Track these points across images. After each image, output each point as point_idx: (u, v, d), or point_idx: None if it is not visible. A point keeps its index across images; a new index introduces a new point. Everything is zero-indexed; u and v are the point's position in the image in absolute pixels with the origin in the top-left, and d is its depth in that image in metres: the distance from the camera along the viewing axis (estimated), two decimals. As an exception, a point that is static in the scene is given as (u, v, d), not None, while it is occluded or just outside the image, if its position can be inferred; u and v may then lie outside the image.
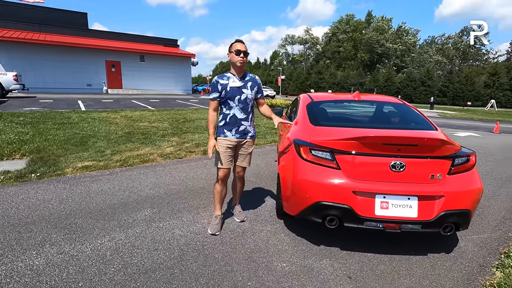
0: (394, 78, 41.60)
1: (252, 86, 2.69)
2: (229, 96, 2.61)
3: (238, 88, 2.62)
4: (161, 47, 28.19)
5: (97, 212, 2.98)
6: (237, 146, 2.73)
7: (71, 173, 4.15)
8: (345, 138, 2.25)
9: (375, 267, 2.24)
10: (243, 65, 2.60)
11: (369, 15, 56.57)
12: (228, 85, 2.60)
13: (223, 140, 2.68)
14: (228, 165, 2.70)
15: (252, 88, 2.68)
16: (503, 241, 2.67)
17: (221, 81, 2.62)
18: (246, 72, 2.73)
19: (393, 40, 50.48)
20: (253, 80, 2.72)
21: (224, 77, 2.65)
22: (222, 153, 2.67)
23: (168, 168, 4.55)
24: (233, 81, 2.62)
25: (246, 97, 2.65)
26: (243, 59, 2.56)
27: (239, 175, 2.90)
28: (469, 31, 48.22)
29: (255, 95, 2.72)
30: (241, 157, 2.80)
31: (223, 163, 2.68)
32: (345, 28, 55.07)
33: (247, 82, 2.67)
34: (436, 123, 2.95)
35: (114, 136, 6.57)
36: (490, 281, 2.08)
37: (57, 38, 21.80)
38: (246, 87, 2.66)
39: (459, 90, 35.26)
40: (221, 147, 2.67)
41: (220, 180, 2.74)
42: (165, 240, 2.50)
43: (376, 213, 2.17)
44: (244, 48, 2.57)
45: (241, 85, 2.63)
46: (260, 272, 2.13)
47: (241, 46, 2.57)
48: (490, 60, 46.50)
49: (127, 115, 10.11)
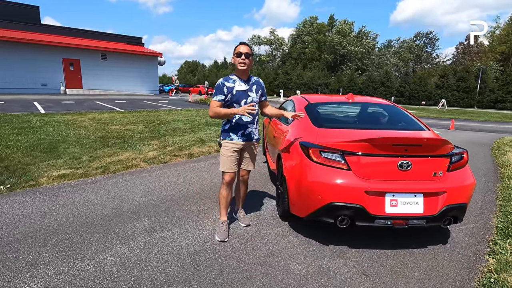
0: (357, 79, 43.84)
1: (257, 89, 2.67)
2: (235, 100, 2.56)
3: (244, 92, 2.58)
4: (125, 45, 26.80)
5: (90, 225, 2.75)
6: (242, 149, 2.70)
7: (47, 183, 3.78)
8: (356, 140, 2.32)
9: (385, 263, 2.34)
10: (245, 68, 2.53)
11: (332, 19, 58.91)
12: (234, 88, 2.55)
13: (229, 143, 2.63)
14: (234, 168, 2.66)
15: (257, 91, 2.67)
16: (487, 230, 2.94)
17: (227, 83, 2.56)
18: (251, 75, 2.69)
19: (355, 43, 53.14)
20: (257, 83, 2.70)
21: (229, 80, 2.59)
22: (228, 156, 2.62)
23: (155, 174, 4.34)
24: (239, 85, 2.57)
25: (252, 100, 2.62)
26: (243, 61, 2.49)
27: (244, 179, 2.85)
28: (422, 36, 52.47)
29: (259, 97, 2.70)
30: (247, 160, 2.77)
31: (229, 167, 2.63)
32: (309, 30, 56.77)
33: (252, 85, 2.64)
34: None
35: (87, 140, 6.11)
36: (487, 267, 2.28)
37: (6, 33, 19.71)
38: (251, 90, 2.63)
39: (414, 90, 38.17)
40: (227, 150, 2.62)
41: (226, 184, 2.67)
42: (173, 251, 2.38)
43: (386, 211, 2.27)
44: (246, 50, 2.50)
45: (247, 89, 2.60)
46: (279, 277, 2.12)
47: (243, 48, 2.51)
48: (439, 63, 50.94)
49: (95, 118, 9.46)
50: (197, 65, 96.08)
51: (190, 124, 9.08)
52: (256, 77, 2.73)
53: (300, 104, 3.47)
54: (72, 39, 23.62)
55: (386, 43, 59.80)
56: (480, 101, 35.71)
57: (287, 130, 3.29)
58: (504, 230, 2.87)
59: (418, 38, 53.05)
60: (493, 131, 12.10)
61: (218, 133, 7.62)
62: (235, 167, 2.67)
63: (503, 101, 34.21)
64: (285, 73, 48.82)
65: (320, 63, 53.45)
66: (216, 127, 8.74)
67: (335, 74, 49.81)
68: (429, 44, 52.35)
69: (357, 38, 54.07)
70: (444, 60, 51.75)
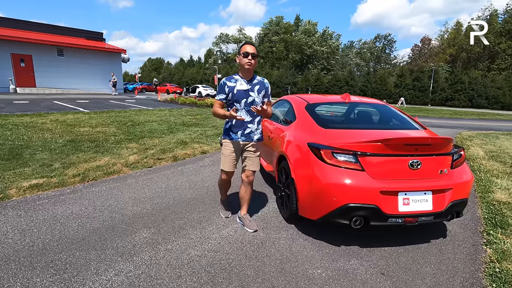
0: (323, 79, 45.33)
1: (260, 89, 2.64)
2: (236, 99, 2.59)
3: (245, 91, 2.59)
4: (83, 40, 24.98)
5: (81, 241, 2.46)
6: (243, 149, 2.71)
7: (18, 195, 3.34)
8: (370, 141, 2.33)
9: (397, 260, 2.39)
10: (251, 68, 2.54)
11: (298, 19, 60.22)
12: (235, 87, 2.57)
13: (228, 143, 2.68)
14: (232, 168, 2.74)
15: (259, 92, 2.64)
16: (476, 221, 3.15)
17: (229, 83, 2.59)
18: (255, 75, 2.67)
19: (320, 43, 54.87)
20: (261, 83, 2.67)
21: (232, 80, 2.61)
22: (227, 156, 2.69)
23: (142, 180, 4.04)
24: (241, 84, 2.59)
25: (253, 100, 2.60)
26: (250, 61, 2.49)
27: (249, 180, 2.78)
28: (381, 38, 55.69)
29: (262, 98, 2.67)
30: (250, 160, 2.74)
31: (227, 166, 2.72)
32: (276, 30, 57.48)
33: (255, 85, 2.63)
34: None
35: (55, 145, 5.54)
36: (488, 257, 2.43)
37: None
38: (253, 90, 2.61)
39: (376, 89, 40.40)
40: (227, 149, 2.68)
41: (223, 180, 2.85)
42: (184, 264, 2.21)
43: (399, 209, 2.31)
44: (253, 50, 2.50)
45: (248, 88, 2.60)
46: (301, 283, 2.06)
47: (250, 48, 2.51)
48: (397, 64, 54.51)
49: (58, 119, 8.65)
50: (161, 62, 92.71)
51: (166, 124, 8.67)
52: (262, 78, 2.71)
53: (298, 104, 3.43)
54: (22, 32, 21.48)
55: (348, 44, 62.61)
56: (433, 99, 38.84)
57: (288, 131, 3.23)
58: (491, 220, 3.09)
59: (378, 40, 56.29)
60: (449, 127, 13.17)
61: (198, 134, 7.38)
62: (234, 166, 2.75)
63: (452, 99, 37.53)
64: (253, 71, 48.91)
65: (288, 62, 54.41)
66: (194, 127, 8.46)
67: (302, 73, 51.00)
68: (387, 46, 55.77)
69: (322, 38, 55.89)
70: (401, 61, 55.46)
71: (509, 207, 3.43)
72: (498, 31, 44.89)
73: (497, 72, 43.32)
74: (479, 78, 38.55)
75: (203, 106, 15.92)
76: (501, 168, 5.20)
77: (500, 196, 3.78)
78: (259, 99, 2.63)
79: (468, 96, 37.11)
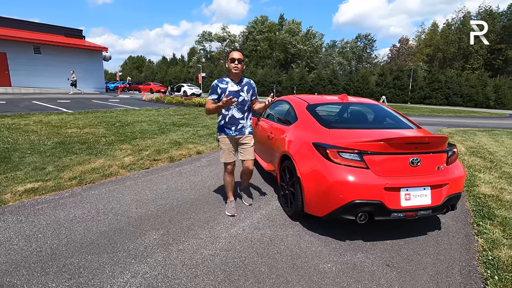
0: (307, 77, 45.90)
1: (248, 89, 3.02)
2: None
3: (236, 92, 2.93)
4: (62, 38, 24.04)
5: (91, 245, 2.44)
6: (237, 142, 3.07)
7: (14, 200, 3.24)
8: (373, 140, 2.46)
9: (400, 252, 2.54)
10: (238, 72, 2.90)
11: (282, 18, 60.64)
12: (227, 89, 2.91)
13: (224, 138, 3.02)
14: (232, 158, 3.07)
15: (248, 91, 3.02)
16: (465, 213, 3.37)
17: (221, 85, 2.93)
18: (243, 77, 3.03)
19: (303, 42, 55.53)
20: (248, 84, 3.04)
21: (223, 82, 2.96)
22: (225, 149, 3.03)
23: (141, 181, 4.02)
24: (232, 86, 2.94)
25: (243, 99, 2.98)
26: (237, 66, 2.87)
27: (249, 169, 3.17)
28: (362, 38, 57.05)
29: (250, 97, 3.06)
30: (245, 151, 3.08)
31: (228, 158, 3.04)
32: (261, 29, 57.61)
33: (244, 86, 2.99)
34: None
35: (44, 147, 5.37)
36: (480, 246, 2.63)
37: None
38: (243, 90, 2.98)
39: (358, 88, 41.40)
40: (224, 144, 3.02)
41: (228, 172, 3.12)
42: (198, 264, 2.25)
43: (401, 204, 2.45)
44: (239, 56, 2.89)
45: (238, 89, 2.95)
46: (314, 278, 2.16)
47: (236, 54, 2.89)
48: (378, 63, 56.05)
49: (42, 121, 8.34)
50: (143, 61, 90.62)
51: (156, 125, 8.56)
52: (248, 79, 3.07)
53: (299, 105, 3.53)
54: (-6, 28, 20.38)
55: (331, 43, 63.70)
56: (412, 98, 40.30)
57: (290, 131, 3.32)
58: (479, 212, 3.32)
59: (359, 40, 57.63)
60: (430, 124, 13.76)
61: (190, 134, 7.36)
62: (233, 157, 3.07)
63: (430, 97, 39.10)
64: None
65: (272, 61, 54.70)
66: (185, 127, 8.41)
67: (286, 72, 51.43)
68: (368, 45, 57.23)
69: (306, 38, 56.57)
70: (381, 60, 57.09)
71: (493, 199, 3.69)
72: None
73: (470, 71, 45.50)
74: (454, 77, 40.34)
75: (191, 105, 15.78)
76: (482, 163, 5.54)
77: (485, 189, 4.05)
78: (248, 97, 3.03)
79: (444, 94, 38.75)
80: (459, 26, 49.26)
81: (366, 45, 57.24)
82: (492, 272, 2.24)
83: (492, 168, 5.25)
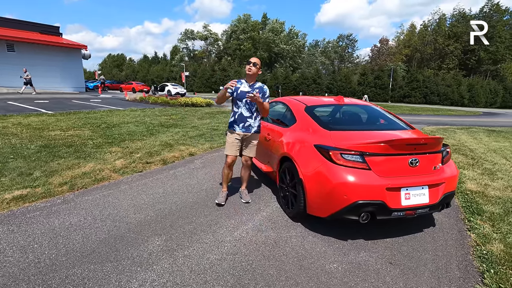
0: (291, 77, 46.31)
1: (258, 93, 3.13)
2: (239, 97, 3.22)
3: (246, 93, 3.17)
4: (38, 35, 22.99)
5: (92, 254, 2.37)
6: (244, 139, 3.29)
7: (2, 208, 3.08)
8: (375, 142, 2.52)
9: (400, 250, 2.62)
10: (251, 74, 3.18)
11: (265, 17, 60.78)
12: (239, 88, 3.22)
13: (232, 132, 3.28)
14: (235, 153, 3.30)
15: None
16: (456, 210, 3.53)
17: (237, 84, 3.23)
18: (257, 81, 3.29)
19: (286, 42, 55.91)
20: (260, 88, 3.23)
21: (239, 82, 3.27)
22: (230, 143, 3.28)
23: (136, 185, 3.92)
24: (244, 86, 3.23)
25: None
26: (250, 68, 3.17)
27: (247, 164, 3.45)
28: (344, 38, 58.17)
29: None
30: (248, 148, 3.35)
31: (231, 151, 3.29)
32: (244, 27, 57.47)
33: (255, 89, 3.19)
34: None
35: (28, 151, 5.12)
36: (473, 241, 2.76)
37: None
38: (253, 92, 3.09)
39: (341, 87, 42.27)
40: (230, 138, 3.28)
41: (227, 165, 3.35)
42: (206, 269, 2.23)
43: (402, 203, 2.54)
44: (254, 60, 3.21)
45: (248, 91, 3.18)
46: (323, 278, 2.20)
47: (253, 59, 3.22)
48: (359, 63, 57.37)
49: (21, 123, 7.94)
50: (123, 59, 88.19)
51: (144, 126, 8.37)
52: (262, 84, 3.29)
53: (296, 106, 3.56)
54: (-37, 24, 19.16)
55: (313, 43, 64.54)
56: (393, 96, 41.61)
57: (289, 133, 3.35)
58: (469, 208, 3.49)
59: (341, 40, 58.74)
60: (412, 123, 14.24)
61: (180, 135, 7.29)
62: (236, 152, 3.30)
63: (409, 96, 40.53)
64: (222, 69, 48.58)
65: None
66: (174, 128, 8.28)
67: (270, 71, 51.65)
68: (350, 45, 58.45)
69: (289, 37, 56.98)
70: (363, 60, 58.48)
71: (480, 195, 3.88)
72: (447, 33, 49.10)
73: (446, 71, 47.49)
74: (431, 77, 41.96)
75: (177, 105, 15.53)
76: (465, 161, 5.81)
77: (471, 186, 4.25)
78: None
79: (422, 93, 40.24)
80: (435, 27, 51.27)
81: (348, 45, 58.43)
82: (487, 266, 2.36)
83: (474, 165, 5.52)
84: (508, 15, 47.09)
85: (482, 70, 48.33)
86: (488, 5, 47.97)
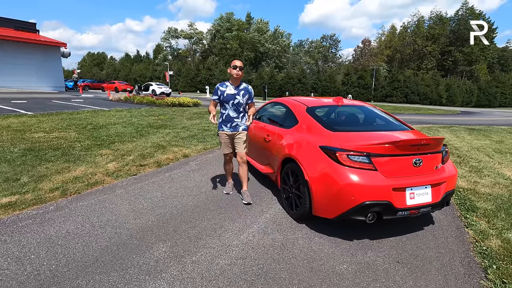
0: (277, 76, 46.52)
1: (244, 94, 3.40)
2: (225, 100, 3.38)
3: (232, 95, 3.36)
4: (12, 31, 21.88)
5: (95, 263, 2.26)
6: (233, 137, 3.47)
7: (-10, 217, 2.89)
8: (381, 143, 2.55)
9: (405, 248, 2.67)
10: (238, 77, 3.33)
11: (249, 17, 60.66)
12: (225, 91, 3.37)
13: (222, 133, 3.49)
14: (230, 150, 3.55)
15: (244, 96, 3.40)
16: (451, 207, 3.64)
17: (221, 88, 3.41)
18: (242, 82, 3.44)
19: (271, 41, 56.11)
20: (245, 89, 3.43)
21: (224, 85, 3.42)
22: (224, 142, 3.52)
23: (132, 189, 3.79)
24: (229, 89, 3.38)
25: (238, 102, 3.38)
26: (238, 72, 3.31)
27: (243, 160, 3.49)
28: (327, 38, 59.03)
29: (246, 100, 3.43)
30: (238, 145, 3.48)
31: (226, 149, 3.54)
32: (228, 26, 57.13)
33: (241, 90, 3.39)
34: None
35: (11, 155, 4.84)
36: (472, 237, 2.86)
37: None
38: (239, 94, 3.38)
39: (326, 87, 42.91)
40: (222, 138, 3.50)
41: (226, 161, 3.67)
42: (217, 275, 2.18)
43: (407, 203, 2.59)
44: (240, 64, 3.34)
45: (235, 93, 3.37)
46: (335, 280, 2.20)
47: (238, 62, 3.34)
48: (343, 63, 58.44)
49: (0, 124, 7.51)
50: (104, 57, 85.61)
51: (132, 127, 8.14)
52: (246, 85, 3.47)
53: (297, 107, 3.56)
54: None
55: (298, 43, 65.13)
56: (375, 96, 42.68)
57: (291, 134, 3.34)
58: (463, 205, 3.62)
59: (324, 40, 59.61)
60: (396, 121, 14.67)
61: (172, 136, 7.15)
62: (230, 149, 3.55)
63: (391, 95, 41.72)
64: (207, 69, 48.12)
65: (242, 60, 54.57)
66: (163, 129, 8.10)
67: (256, 70, 51.66)
68: (333, 45, 59.43)
69: (274, 37, 57.19)
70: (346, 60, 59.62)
71: (472, 192, 4.03)
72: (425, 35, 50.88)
73: (425, 71, 49.22)
74: (412, 77, 43.36)
75: (163, 105, 15.22)
76: (452, 159, 6.02)
77: (462, 183, 4.41)
78: (243, 101, 3.40)
79: (403, 93, 41.49)
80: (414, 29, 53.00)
81: (331, 45, 59.39)
82: (489, 261, 2.45)
83: (461, 162, 5.74)
84: (481, 18, 49.40)
85: (458, 71, 50.50)
86: (463, 8, 50.19)
